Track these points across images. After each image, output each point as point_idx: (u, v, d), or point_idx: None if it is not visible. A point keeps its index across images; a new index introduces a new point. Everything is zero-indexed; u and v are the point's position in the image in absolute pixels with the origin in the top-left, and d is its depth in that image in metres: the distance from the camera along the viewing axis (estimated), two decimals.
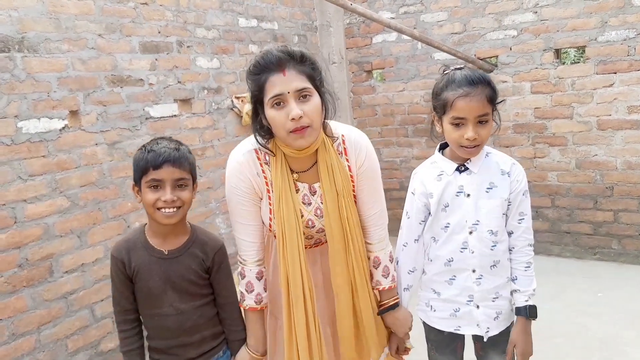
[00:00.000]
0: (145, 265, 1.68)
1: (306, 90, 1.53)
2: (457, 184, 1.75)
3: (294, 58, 1.54)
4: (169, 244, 1.71)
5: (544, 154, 4.25)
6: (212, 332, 1.79)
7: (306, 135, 1.54)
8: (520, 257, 1.79)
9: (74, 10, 2.74)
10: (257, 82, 1.56)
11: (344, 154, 1.72)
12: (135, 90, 3.08)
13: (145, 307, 1.73)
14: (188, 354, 1.74)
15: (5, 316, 2.42)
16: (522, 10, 4.12)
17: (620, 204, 4.01)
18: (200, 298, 1.75)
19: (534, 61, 4.14)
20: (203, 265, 1.74)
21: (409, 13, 4.66)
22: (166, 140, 1.68)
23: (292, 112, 1.49)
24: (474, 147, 1.67)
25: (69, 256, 2.71)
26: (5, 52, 2.44)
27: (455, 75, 1.67)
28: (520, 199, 1.77)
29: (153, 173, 1.60)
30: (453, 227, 1.77)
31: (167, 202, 1.60)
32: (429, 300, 1.89)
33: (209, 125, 3.62)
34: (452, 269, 1.80)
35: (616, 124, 3.91)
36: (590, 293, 3.57)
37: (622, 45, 3.78)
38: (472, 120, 1.63)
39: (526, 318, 1.77)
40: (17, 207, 2.48)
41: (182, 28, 3.40)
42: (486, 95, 1.63)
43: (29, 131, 2.53)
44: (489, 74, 1.73)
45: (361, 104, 5.12)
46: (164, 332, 1.72)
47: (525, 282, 1.78)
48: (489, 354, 1.89)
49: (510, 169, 1.77)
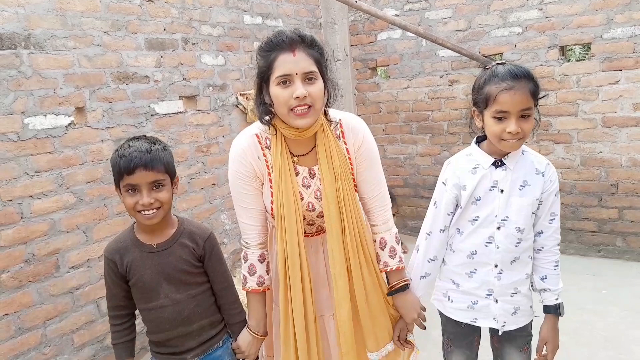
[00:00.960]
0: (137, 261, 1.71)
1: (312, 74, 1.58)
2: (492, 179, 1.75)
3: (305, 41, 1.60)
4: (157, 237, 1.73)
5: (548, 151, 4.24)
6: (210, 320, 1.81)
7: (307, 116, 1.59)
8: (549, 257, 1.81)
9: (80, 7, 2.75)
10: (266, 59, 1.60)
11: (342, 137, 1.76)
12: (140, 87, 3.09)
13: (142, 302, 1.75)
14: (188, 343, 1.76)
15: (11, 311, 2.45)
16: (527, 7, 4.11)
17: (625, 201, 4.00)
18: (195, 287, 1.77)
19: (539, 58, 4.13)
20: (194, 254, 1.76)
21: (413, 10, 4.65)
22: (139, 141, 1.67)
23: (297, 91, 1.54)
24: (517, 141, 1.67)
25: (75, 251, 2.73)
26: (12, 48, 2.45)
27: (498, 70, 1.67)
28: (553, 200, 1.78)
29: (127, 178, 1.61)
30: (481, 220, 1.77)
31: (145, 205, 1.62)
32: (447, 291, 1.90)
33: (213, 122, 3.63)
34: (475, 262, 1.80)
35: (621, 121, 3.90)
36: (595, 291, 3.56)
37: (627, 42, 3.76)
38: (515, 114, 1.62)
39: (555, 316, 1.82)
40: (24, 203, 2.50)
41: (187, 25, 3.41)
42: (529, 90, 1.62)
43: (36, 127, 2.55)
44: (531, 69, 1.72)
45: (365, 101, 5.12)
46: (162, 325, 1.74)
47: (554, 280, 1.81)
48: (506, 347, 1.91)
49: (545, 169, 1.77)
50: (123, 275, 1.73)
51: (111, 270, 1.74)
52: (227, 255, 3.70)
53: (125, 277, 1.73)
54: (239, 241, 1.89)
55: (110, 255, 1.74)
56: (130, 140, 1.69)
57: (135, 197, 1.63)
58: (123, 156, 1.61)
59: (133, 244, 1.73)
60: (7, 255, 2.43)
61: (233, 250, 3.76)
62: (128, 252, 1.72)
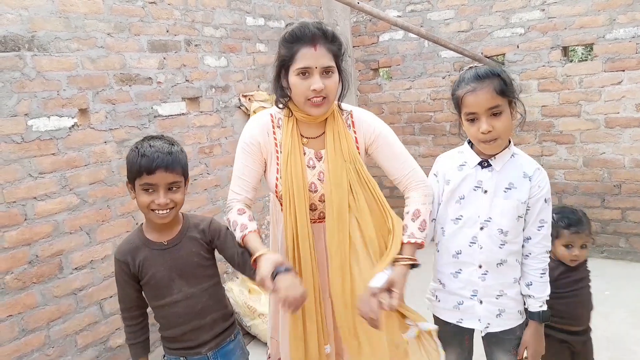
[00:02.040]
0: (148, 259, 1.74)
1: (330, 68, 1.70)
2: (476, 179, 1.78)
3: (326, 36, 1.70)
4: (166, 235, 1.77)
5: (551, 152, 4.24)
6: (222, 313, 1.84)
7: (322, 106, 1.72)
8: (536, 264, 1.81)
9: (84, 9, 2.76)
10: (289, 50, 1.70)
11: (352, 126, 1.86)
12: (143, 88, 3.10)
13: (155, 299, 1.78)
14: (202, 337, 1.79)
15: (15, 312, 2.45)
16: (529, 8, 4.11)
17: (628, 202, 3.99)
18: (207, 280, 1.80)
19: (541, 59, 4.13)
20: (204, 245, 1.79)
21: (415, 11, 4.66)
22: (159, 141, 1.70)
23: (315, 84, 1.67)
24: (493, 141, 1.68)
25: (78, 253, 2.73)
26: (15, 50, 2.46)
27: (465, 74, 1.73)
28: (542, 206, 1.77)
29: (146, 178, 1.64)
30: (465, 220, 1.80)
31: (161, 205, 1.65)
32: (435, 291, 1.95)
33: (216, 124, 3.64)
34: (459, 261, 1.83)
35: (624, 122, 3.90)
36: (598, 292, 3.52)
37: (630, 42, 3.76)
38: (484, 113, 1.65)
39: (539, 322, 1.82)
40: (28, 205, 2.51)
41: (190, 27, 3.42)
42: (494, 88, 1.65)
43: (39, 129, 2.56)
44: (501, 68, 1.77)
45: (368, 102, 5.13)
46: (176, 320, 1.77)
47: (539, 288, 1.81)
48: (494, 350, 1.92)
49: (533, 173, 1.77)
50: (135, 276, 1.76)
51: (123, 272, 1.76)
52: None
53: (138, 277, 1.76)
54: None
55: (122, 257, 1.76)
56: (148, 139, 1.72)
57: (151, 196, 1.66)
58: (144, 155, 1.64)
59: (143, 243, 1.76)
60: (10, 256, 2.44)
61: None
62: (139, 252, 1.75)
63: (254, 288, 3.49)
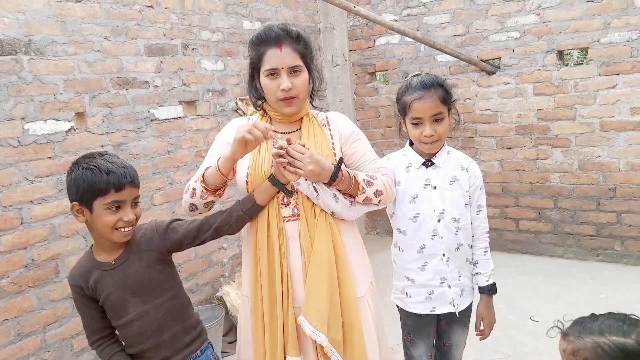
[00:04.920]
0: (99, 282, 1.67)
1: (297, 67, 1.74)
2: (423, 177, 1.95)
3: (291, 36, 1.75)
4: (113, 254, 1.69)
5: (546, 156, 4.26)
6: (183, 326, 1.75)
7: (293, 104, 1.76)
8: (479, 244, 2.02)
9: (81, 13, 2.77)
10: (256, 52, 1.76)
11: (327, 125, 1.88)
12: (140, 92, 3.10)
13: (114, 319, 1.72)
14: (162, 353, 1.71)
15: (11, 316, 2.45)
16: (524, 12, 4.13)
17: (623, 206, 4.01)
18: (163, 292, 1.72)
19: (536, 63, 4.15)
20: (154, 255, 1.70)
21: (412, 15, 4.68)
22: (109, 157, 1.64)
23: (282, 84, 1.71)
24: (434, 143, 1.88)
25: (74, 257, 2.72)
26: (12, 54, 2.46)
27: (412, 81, 1.89)
28: (479, 193, 2.00)
29: (115, 195, 1.57)
30: (423, 216, 1.94)
31: (129, 222, 1.60)
32: (404, 288, 2.04)
33: (213, 127, 3.64)
34: (424, 255, 1.97)
35: (619, 126, 3.92)
36: (593, 295, 3.57)
37: (625, 46, 3.78)
38: (428, 119, 1.85)
39: (489, 295, 2.03)
40: (24, 208, 2.51)
41: (187, 31, 3.42)
42: (439, 97, 1.84)
43: (36, 133, 2.56)
44: (443, 78, 1.94)
45: (364, 105, 5.14)
46: (134, 338, 1.71)
47: (485, 264, 2.02)
48: (453, 327, 2.08)
49: (468, 165, 1.99)
50: (92, 298, 1.69)
51: (80, 296, 1.71)
52: (226, 260, 3.71)
53: (95, 298, 1.70)
54: (238, 246, 1.89)
55: (75, 282, 1.70)
56: (95, 156, 1.63)
57: (117, 215, 1.58)
58: (110, 172, 1.56)
59: (93, 266, 1.69)
60: (7, 260, 2.43)
61: (232, 255, 3.76)
62: (90, 275, 1.68)
63: None
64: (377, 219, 5.19)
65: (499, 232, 4.52)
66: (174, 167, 3.34)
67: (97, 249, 1.71)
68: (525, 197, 4.43)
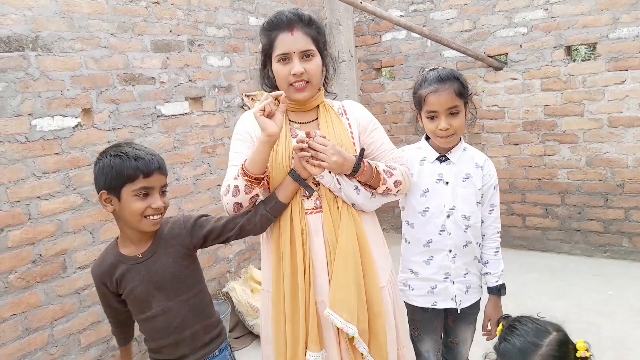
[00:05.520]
0: (125, 275, 1.65)
1: (309, 52, 1.70)
2: (436, 172, 1.95)
3: (302, 20, 1.70)
4: (140, 247, 1.67)
5: (554, 152, 4.23)
6: (203, 325, 1.74)
7: (305, 90, 1.71)
8: (490, 244, 2.02)
9: (87, 9, 2.77)
10: (268, 38, 1.72)
11: (344, 114, 1.85)
12: (146, 88, 3.11)
13: (136, 314, 1.72)
14: (181, 351, 1.71)
15: (19, 311, 2.46)
16: (532, 7, 4.11)
17: (631, 202, 3.99)
18: (187, 290, 1.71)
19: (544, 58, 4.12)
20: (181, 250, 1.69)
21: (418, 11, 4.66)
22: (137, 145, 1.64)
23: (294, 68, 1.67)
24: (449, 137, 1.87)
25: (81, 252, 2.74)
26: (19, 50, 2.47)
27: (428, 75, 1.89)
28: (492, 192, 1.98)
29: (144, 181, 1.56)
30: (432, 211, 1.94)
31: (157, 209, 1.59)
32: (407, 280, 2.06)
33: (219, 123, 3.65)
34: (431, 249, 1.97)
35: (627, 121, 3.89)
36: (601, 291, 3.55)
37: (634, 42, 3.75)
38: (444, 112, 1.84)
39: (497, 296, 2.02)
40: (31, 204, 2.52)
41: (193, 27, 3.42)
42: (454, 90, 1.83)
43: (43, 129, 2.57)
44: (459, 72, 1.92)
45: (370, 101, 5.13)
46: (155, 334, 1.71)
47: (495, 265, 2.01)
48: (460, 325, 2.10)
49: (483, 163, 1.98)
50: (116, 291, 1.69)
51: (102, 288, 1.70)
52: (232, 256, 3.71)
53: (118, 292, 1.69)
54: (244, 242, 1.89)
55: (99, 278, 1.69)
56: (123, 145, 1.63)
57: (146, 201, 1.57)
58: (139, 158, 1.56)
59: (118, 259, 1.67)
60: (14, 255, 2.45)
61: (238, 251, 3.77)
62: (116, 269, 1.66)
63: (257, 287, 3.49)
64: (383, 215, 5.18)
65: (506, 229, 4.47)
66: (180, 163, 3.35)
67: (124, 241, 1.69)
68: (532, 193, 4.41)
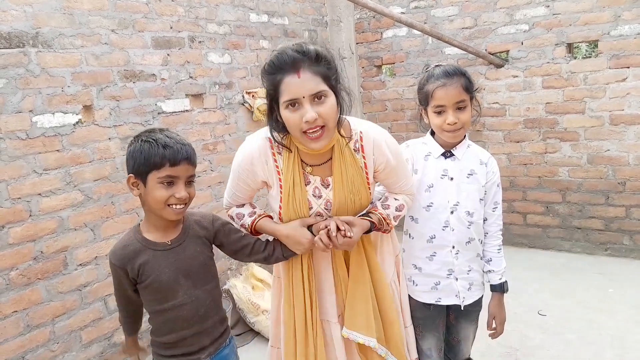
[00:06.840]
0: (150, 262, 1.62)
1: (321, 93, 1.51)
2: (441, 168, 1.94)
3: (309, 58, 1.51)
4: (169, 234, 1.66)
5: (555, 149, 4.23)
6: (220, 316, 1.78)
7: (322, 138, 1.54)
8: (493, 241, 2.02)
9: (88, 5, 2.77)
10: (272, 82, 1.55)
11: (361, 150, 1.71)
12: (147, 85, 3.10)
13: (157, 303, 1.66)
14: (202, 341, 1.71)
15: (20, 308, 2.47)
16: (533, 5, 4.09)
17: (632, 200, 3.98)
18: (211, 280, 1.73)
19: (545, 56, 4.11)
20: (207, 243, 1.73)
21: (419, 8, 4.64)
22: (169, 133, 1.62)
23: (306, 115, 1.49)
24: (457, 131, 1.86)
25: (83, 249, 2.74)
26: (20, 47, 2.47)
27: (434, 71, 1.89)
28: (495, 190, 1.99)
29: (169, 170, 1.55)
30: (436, 206, 1.94)
31: (181, 199, 1.57)
32: (411, 276, 2.05)
33: (220, 120, 3.64)
34: (434, 245, 1.97)
35: (629, 119, 3.88)
36: (602, 289, 3.55)
37: (635, 39, 3.74)
38: (451, 106, 1.84)
39: (500, 293, 2.04)
40: (32, 201, 2.52)
41: (193, 23, 3.42)
42: (462, 84, 1.84)
43: (44, 126, 2.57)
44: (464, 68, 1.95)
45: (371, 99, 5.12)
46: (179, 324, 1.67)
47: (498, 262, 2.02)
48: (462, 322, 2.10)
49: (487, 160, 1.98)
50: (134, 279, 1.65)
51: (121, 277, 1.67)
52: None
53: (136, 280, 1.65)
54: None
55: (120, 263, 1.63)
56: (155, 131, 1.62)
57: (170, 190, 1.56)
58: (167, 146, 1.55)
59: (143, 245, 1.63)
60: (15, 252, 2.45)
61: None
62: (139, 256, 1.62)
63: (258, 284, 3.49)
64: None
65: (507, 226, 4.48)
66: None
67: (148, 227, 1.67)
68: (533, 191, 4.41)
